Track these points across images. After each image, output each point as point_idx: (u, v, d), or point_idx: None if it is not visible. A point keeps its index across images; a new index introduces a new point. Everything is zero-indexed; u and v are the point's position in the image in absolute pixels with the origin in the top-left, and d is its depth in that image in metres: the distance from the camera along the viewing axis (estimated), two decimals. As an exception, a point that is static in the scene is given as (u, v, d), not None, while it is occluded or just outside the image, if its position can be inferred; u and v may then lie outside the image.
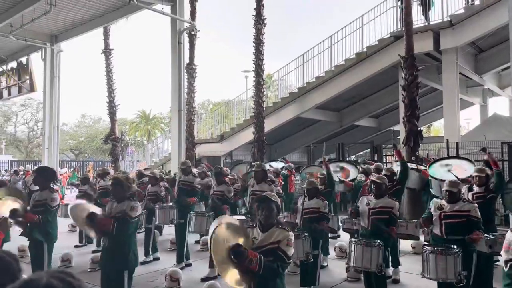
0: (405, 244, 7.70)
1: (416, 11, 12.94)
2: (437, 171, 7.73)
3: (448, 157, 8.99)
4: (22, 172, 19.22)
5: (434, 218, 4.71)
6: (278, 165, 11.94)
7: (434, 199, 5.01)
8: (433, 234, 4.78)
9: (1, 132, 45.85)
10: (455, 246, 4.37)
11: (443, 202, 4.70)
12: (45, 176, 5.31)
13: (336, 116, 18.37)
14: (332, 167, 8.46)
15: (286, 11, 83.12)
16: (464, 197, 4.87)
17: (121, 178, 4.19)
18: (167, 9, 15.08)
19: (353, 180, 8.74)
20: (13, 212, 4.93)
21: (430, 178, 7.70)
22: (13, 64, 20.60)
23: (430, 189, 7.60)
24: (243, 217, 6.63)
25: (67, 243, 8.64)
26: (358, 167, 9.30)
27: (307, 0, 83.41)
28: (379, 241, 4.82)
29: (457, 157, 8.98)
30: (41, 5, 14.93)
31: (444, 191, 4.76)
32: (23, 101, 43.14)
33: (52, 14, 15.67)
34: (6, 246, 6.22)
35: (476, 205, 4.63)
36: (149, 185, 8.08)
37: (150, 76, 78.11)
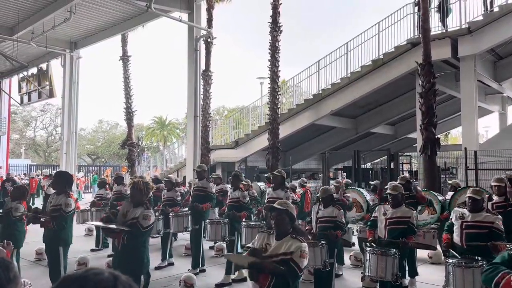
0: (422, 254, 7.57)
1: (434, 17, 12.84)
2: None
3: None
4: (41, 176, 19.58)
5: (455, 227, 4.61)
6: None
7: (456, 208, 4.91)
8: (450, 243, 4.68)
9: (21, 136, 46.82)
10: (479, 258, 4.28)
11: (464, 210, 4.60)
12: (62, 180, 5.39)
13: (351, 123, 18.25)
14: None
15: (302, 18, 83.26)
16: (487, 208, 4.76)
17: (140, 183, 4.24)
18: (184, 16, 15.29)
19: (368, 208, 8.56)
20: (34, 216, 5.06)
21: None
22: (34, 70, 21.10)
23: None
24: (259, 223, 6.64)
25: (84, 247, 8.75)
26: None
27: (324, 7, 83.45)
28: (394, 250, 4.75)
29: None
30: (62, 13, 15.30)
31: (466, 198, 4.64)
32: (43, 106, 44.06)
33: (72, 22, 16.06)
34: (25, 249, 6.34)
35: (500, 217, 4.49)
36: (165, 190, 8.13)
37: (166, 83, 78.95)
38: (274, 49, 15.29)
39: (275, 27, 15.16)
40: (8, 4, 15.45)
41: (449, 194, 8.43)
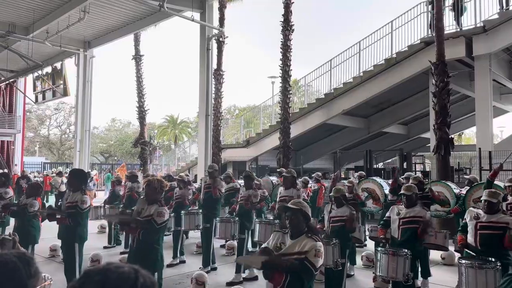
0: (435, 255, 7.50)
1: (448, 16, 12.69)
2: None
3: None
4: (54, 174, 19.80)
5: (469, 227, 4.56)
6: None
7: (470, 208, 4.86)
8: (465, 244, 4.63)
9: (35, 134, 47.51)
10: (493, 259, 4.23)
11: (480, 211, 4.55)
12: (78, 178, 5.46)
13: (363, 123, 18.14)
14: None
15: (314, 17, 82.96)
16: (503, 209, 4.70)
17: (154, 181, 4.30)
18: (197, 16, 15.34)
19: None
20: (50, 213, 5.15)
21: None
22: (48, 69, 21.35)
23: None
24: (272, 220, 6.64)
25: (97, 244, 8.85)
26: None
27: (336, 6, 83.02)
28: (406, 250, 4.72)
29: None
30: (76, 13, 15.48)
31: (482, 201, 4.60)
32: (57, 105, 44.65)
33: (86, 21, 16.23)
34: (39, 246, 6.44)
35: None
36: (177, 189, 8.19)
37: (178, 82, 79.40)
38: (285, 48, 15.26)
39: (287, 26, 15.13)
40: (23, 4, 15.68)
41: (466, 189, 8.38)
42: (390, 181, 8.40)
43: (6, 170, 20.98)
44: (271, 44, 76.15)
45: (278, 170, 12.34)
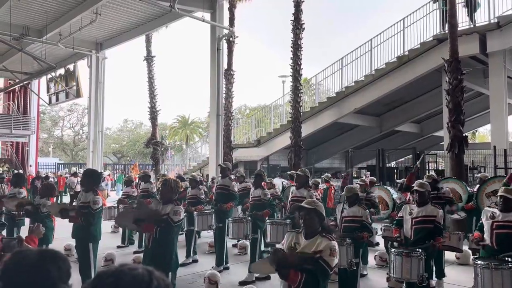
0: (449, 255, 7.41)
1: (461, 12, 12.50)
2: None
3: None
4: (68, 174, 20.05)
5: (485, 227, 4.49)
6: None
7: (486, 208, 4.78)
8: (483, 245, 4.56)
9: (49, 135, 48.16)
10: (509, 259, 4.15)
11: (495, 210, 4.47)
12: (91, 178, 5.51)
13: (375, 121, 18.00)
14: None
15: (324, 16, 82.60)
16: None
17: (171, 182, 4.33)
18: (207, 16, 15.39)
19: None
20: (63, 211, 5.21)
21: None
22: (61, 71, 21.63)
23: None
24: (284, 221, 6.62)
25: (110, 244, 8.93)
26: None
27: (347, 4, 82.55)
28: (420, 250, 4.66)
29: None
30: (88, 15, 15.66)
31: (498, 197, 4.51)
32: (70, 106, 45.23)
33: (98, 23, 16.42)
34: (53, 246, 6.51)
35: None
36: (189, 188, 8.22)
37: (189, 82, 79.81)
38: (296, 47, 15.19)
39: (297, 25, 15.06)
40: (37, 7, 15.90)
41: (477, 187, 8.29)
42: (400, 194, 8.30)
43: (21, 171, 21.31)
44: (282, 43, 75.96)
45: (289, 173, 12.28)
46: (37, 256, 1.37)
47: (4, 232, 6.60)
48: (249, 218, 6.82)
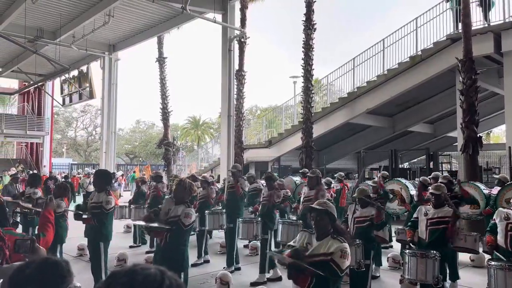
0: (463, 257, 7.30)
1: (475, 12, 12.33)
2: None
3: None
4: (81, 175, 20.25)
5: (499, 228, 4.41)
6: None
7: (500, 209, 4.70)
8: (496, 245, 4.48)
9: (62, 136, 48.78)
10: None
11: (510, 211, 4.39)
12: (103, 179, 5.56)
13: (388, 122, 17.84)
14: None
15: (336, 16, 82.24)
16: None
17: (186, 182, 4.33)
18: (218, 17, 15.42)
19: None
20: (75, 216, 5.27)
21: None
22: (75, 73, 21.88)
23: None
24: (295, 221, 6.61)
25: (122, 243, 9.00)
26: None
27: (359, 4, 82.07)
28: (434, 251, 4.60)
29: None
30: (101, 17, 15.82)
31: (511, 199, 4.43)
32: (83, 107, 45.79)
33: (111, 25, 16.58)
34: (67, 245, 6.59)
35: None
36: (201, 189, 8.24)
37: (200, 83, 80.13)
38: (307, 48, 15.14)
39: (309, 25, 15.01)
40: (50, 10, 16.13)
41: (496, 189, 8.11)
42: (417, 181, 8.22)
43: (35, 171, 21.61)
44: (293, 43, 75.93)
45: (301, 170, 12.28)
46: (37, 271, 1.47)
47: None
48: (259, 218, 6.82)
